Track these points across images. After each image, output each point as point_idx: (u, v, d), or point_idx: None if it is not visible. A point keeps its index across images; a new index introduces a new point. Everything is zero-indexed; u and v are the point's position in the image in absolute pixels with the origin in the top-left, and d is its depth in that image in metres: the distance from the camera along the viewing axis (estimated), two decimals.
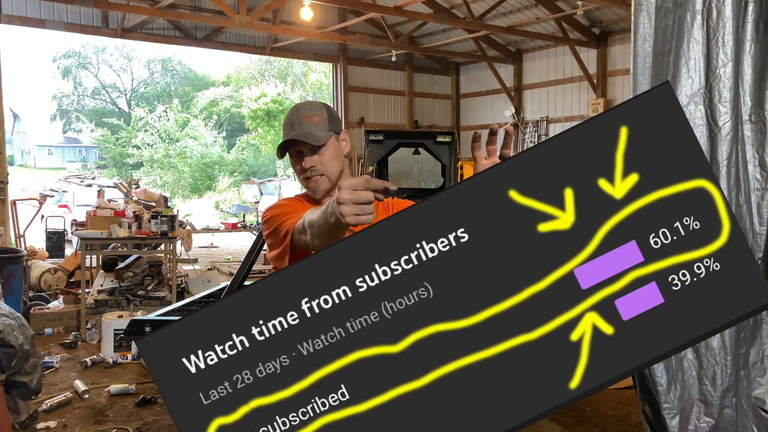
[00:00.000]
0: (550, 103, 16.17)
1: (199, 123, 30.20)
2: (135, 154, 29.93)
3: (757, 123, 2.85)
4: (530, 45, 15.92)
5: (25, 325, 3.34)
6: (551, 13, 13.27)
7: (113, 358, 5.45)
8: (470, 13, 13.00)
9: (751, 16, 2.81)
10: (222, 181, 27.73)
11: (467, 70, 17.89)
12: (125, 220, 6.74)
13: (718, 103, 2.83)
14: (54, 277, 8.02)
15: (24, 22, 11.85)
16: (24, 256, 6.80)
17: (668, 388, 2.84)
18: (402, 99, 17.06)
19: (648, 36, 2.82)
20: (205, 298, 5.36)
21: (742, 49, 2.82)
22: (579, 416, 4.28)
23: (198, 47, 14.02)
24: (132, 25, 12.56)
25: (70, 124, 42.29)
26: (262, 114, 28.62)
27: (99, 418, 4.29)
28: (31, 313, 6.50)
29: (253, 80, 32.30)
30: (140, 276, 7.20)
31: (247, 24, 11.01)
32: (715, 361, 2.83)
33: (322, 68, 26.93)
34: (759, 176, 2.85)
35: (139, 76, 42.00)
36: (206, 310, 1.34)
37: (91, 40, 38.52)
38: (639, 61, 2.84)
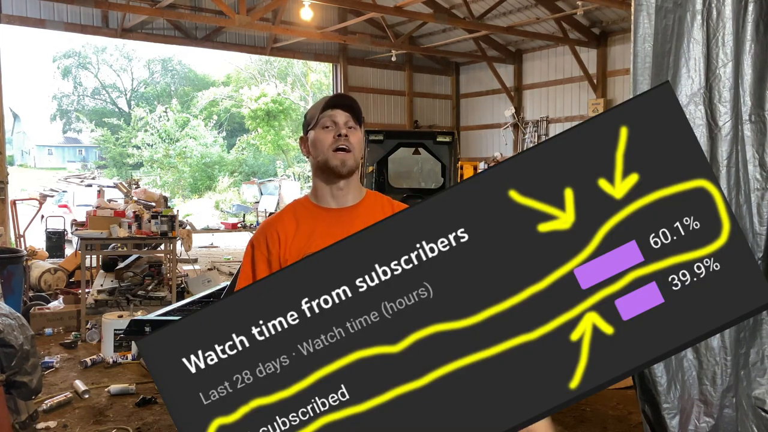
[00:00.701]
0: (550, 103, 16.16)
1: (199, 123, 30.20)
2: (135, 154, 29.93)
3: (757, 123, 2.85)
4: (530, 45, 15.92)
5: (25, 325, 3.34)
6: (551, 13, 13.26)
7: (113, 358, 5.45)
8: (470, 13, 13.00)
9: (751, 16, 2.81)
10: (222, 181, 27.72)
11: (467, 70, 17.88)
12: (125, 220, 6.74)
13: (718, 103, 2.83)
14: (54, 277, 8.02)
15: (24, 22, 11.85)
16: (24, 256, 6.80)
17: (668, 388, 2.84)
18: (402, 99, 17.06)
19: (648, 36, 2.82)
20: (205, 298, 5.36)
21: (742, 49, 2.82)
22: (579, 416, 4.29)
23: (198, 47, 14.02)
24: (132, 25, 12.56)
25: (70, 124, 42.29)
26: (262, 114, 28.61)
27: (99, 418, 4.29)
28: (31, 313, 6.50)
29: (253, 80, 32.29)
30: (140, 276, 7.20)
31: (247, 24, 11.01)
32: (715, 361, 2.83)
33: (322, 68, 26.92)
34: (759, 176, 2.85)
35: (139, 76, 42.04)
36: (206, 310, 1.34)
37: (91, 40, 38.56)
38: (639, 61, 2.84)
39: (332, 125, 1.80)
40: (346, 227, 1.66)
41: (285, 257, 1.81)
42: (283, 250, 1.83)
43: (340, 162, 1.78)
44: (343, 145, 1.78)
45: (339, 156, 1.78)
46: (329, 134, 1.79)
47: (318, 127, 1.81)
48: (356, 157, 1.81)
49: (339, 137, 1.78)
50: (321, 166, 1.82)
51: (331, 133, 1.79)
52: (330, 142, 1.79)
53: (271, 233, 1.86)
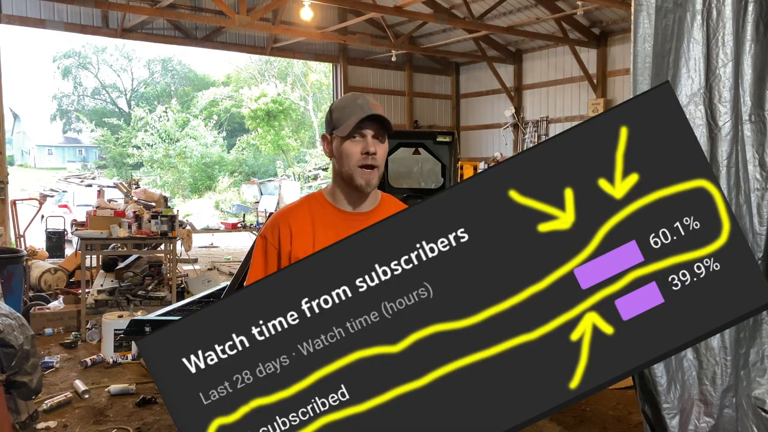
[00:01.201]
0: (550, 103, 16.16)
1: (199, 123, 30.19)
2: (135, 154, 29.91)
3: (757, 123, 2.85)
4: (530, 45, 15.92)
5: (25, 325, 3.34)
6: (551, 13, 13.26)
7: (113, 358, 5.45)
8: (470, 13, 13.00)
9: (751, 16, 2.81)
10: (222, 181, 27.70)
11: (467, 70, 17.88)
12: (125, 220, 6.74)
13: (718, 103, 2.83)
14: (54, 277, 8.02)
15: (24, 22, 11.84)
16: (24, 256, 6.80)
17: (668, 388, 2.84)
18: (402, 99, 17.06)
19: (648, 36, 2.82)
20: (205, 298, 5.36)
21: (742, 49, 2.82)
22: (579, 416, 4.28)
23: (198, 47, 14.02)
24: (132, 25, 12.55)
25: (70, 124, 42.28)
26: (262, 114, 28.60)
27: (99, 418, 4.29)
28: (31, 313, 6.50)
29: (253, 80, 32.28)
30: (140, 276, 7.20)
31: (247, 24, 11.01)
32: (715, 361, 2.83)
33: (322, 68, 26.92)
34: (759, 176, 2.85)
35: (139, 76, 42.03)
36: (206, 310, 1.34)
37: (91, 40, 38.54)
38: (639, 61, 2.84)
39: (361, 138, 1.77)
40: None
41: (296, 254, 1.79)
42: (294, 245, 1.81)
43: (365, 182, 1.78)
44: (370, 163, 1.77)
45: (365, 175, 1.77)
46: (357, 147, 1.77)
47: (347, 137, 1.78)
48: (380, 173, 1.81)
49: (367, 155, 1.76)
50: (345, 178, 1.81)
51: (359, 145, 1.77)
52: (357, 158, 1.77)
53: (283, 227, 1.84)
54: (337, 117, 1.81)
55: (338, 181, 1.85)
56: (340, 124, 1.79)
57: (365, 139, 1.77)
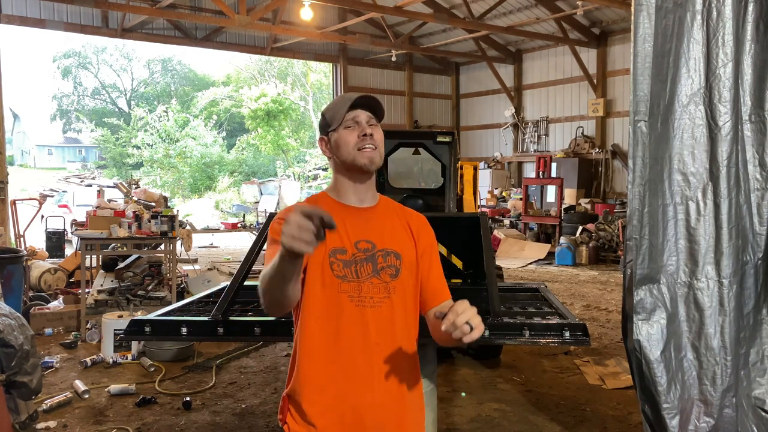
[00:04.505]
0: (550, 103, 16.17)
1: (199, 123, 30.20)
2: (135, 154, 29.92)
3: (757, 123, 2.85)
4: (530, 45, 15.93)
5: (25, 325, 3.34)
6: (551, 13, 13.28)
7: (113, 358, 5.45)
8: (470, 13, 13.02)
9: (751, 16, 2.81)
10: (222, 181, 27.72)
11: (467, 70, 17.89)
12: (125, 220, 6.73)
13: (718, 103, 2.83)
14: (54, 277, 8.02)
15: (24, 22, 11.86)
16: (24, 256, 6.80)
17: (668, 388, 2.84)
18: (402, 99, 17.08)
19: (648, 36, 2.82)
20: (205, 298, 5.35)
21: (742, 49, 2.82)
22: (579, 416, 4.29)
23: (198, 47, 14.04)
24: (132, 25, 12.57)
25: (70, 124, 42.30)
26: (262, 114, 28.62)
27: (99, 418, 4.28)
28: (31, 313, 6.50)
29: (253, 80, 32.29)
30: (140, 276, 7.19)
31: (247, 24, 11.02)
32: (715, 361, 2.83)
33: (322, 68, 26.93)
34: (759, 176, 2.85)
35: (139, 76, 42.06)
36: None
37: (91, 40, 38.58)
38: (639, 61, 2.83)
39: (354, 124, 1.80)
40: (368, 224, 1.79)
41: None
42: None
43: (368, 160, 1.79)
44: (369, 144, 1.79)
45: (366, 154, 1.79)
46: (353, 133, 1.80)
47: (340, 127, 1.81)
48: (381, 154, 1.84)
49: (364, 137, 1.79)
50: (347, 165, 1.82)
51: (355, 132, 1.80)
52: (355, 142, 1.79)
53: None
54: (330, 115, 1.84)
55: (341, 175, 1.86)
56: (333, 120, 1.82)
57: (359, 125, 1.80)
